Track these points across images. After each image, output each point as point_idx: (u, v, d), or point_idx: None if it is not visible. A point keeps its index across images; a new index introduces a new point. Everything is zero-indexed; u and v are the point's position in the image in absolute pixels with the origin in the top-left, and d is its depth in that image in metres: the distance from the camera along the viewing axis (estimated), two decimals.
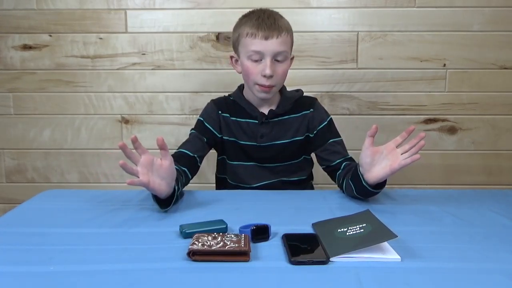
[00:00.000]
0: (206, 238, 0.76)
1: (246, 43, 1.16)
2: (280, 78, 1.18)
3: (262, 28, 1.13)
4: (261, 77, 1.15)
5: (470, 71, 1.71)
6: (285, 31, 1.15)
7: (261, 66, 1.15)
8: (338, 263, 0.71)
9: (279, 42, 1.14)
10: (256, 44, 1.14)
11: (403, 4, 1.67)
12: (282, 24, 1.16)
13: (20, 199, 1.68)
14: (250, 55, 1.16)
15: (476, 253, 0.76)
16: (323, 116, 1.27)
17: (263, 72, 1.14)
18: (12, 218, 0.95)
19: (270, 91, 1.18)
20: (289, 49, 1.19)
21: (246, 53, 1.16)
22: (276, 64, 1.16)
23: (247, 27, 1.16)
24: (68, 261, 0.72)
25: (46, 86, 1.75)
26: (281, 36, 1.14)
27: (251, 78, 1.18)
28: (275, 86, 1.18)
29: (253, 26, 1.14)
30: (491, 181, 1.77)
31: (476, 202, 1.07)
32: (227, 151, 1.28)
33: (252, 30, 1.14)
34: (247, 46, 1.15)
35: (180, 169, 1.14)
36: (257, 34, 1.13)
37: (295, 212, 0.99)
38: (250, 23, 1.15)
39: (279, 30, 1.14)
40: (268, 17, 1.16)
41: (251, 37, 1.14)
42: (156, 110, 1.76)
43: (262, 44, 1.13)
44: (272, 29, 1.13)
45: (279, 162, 1.27)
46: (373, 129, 0.99)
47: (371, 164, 1.00)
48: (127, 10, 1.70)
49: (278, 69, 1.16)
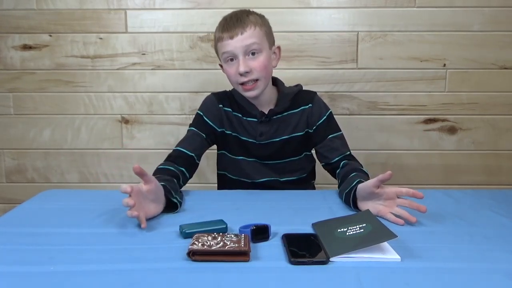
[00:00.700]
0: (206, 238, 0.76)
1: (219, 48, 1.19)
2: (260, 71, 1.17)
3: (226, 30, 1.16)
4: (238, 76, 1.16)
5: (470, 71, 1.71)
6: (250, 25, 1.15)
7: (235, 65, 1.17)
8: (338, 263, 0.71)
9: (244, 37, 1.14)
10: (224, 46, 1.16)
11: (403, 4, 1.67)
12: (247, 20, 1.16)
13: (20, 199, 1.68)
14: (224, 58, 1.18)
15: (476, 253, 0.76)
16: (322, 110, 1.27)
17: (238, 70, 1.15)
18: (12, 218, 0.95)
19: (255, 87, 1.18)
20: (261, 40, 1.17)
21: (221, 57, 1.19)
22: (251, 58, 1.16)
23: (216, 32, 1.20)
24: (68, 261, 0.72)
25: (46, 86, 1.75)
26: (245, 31, 1.14)
27: (232, 80, 1.20)
28: (258, 80, 1.17)
29: (220, 30, 1.18)
30: (491, 181, 1.77)
31: (476, 202, 1.07)
32: (229, 145, 1.28)
33: (219, 34, 1.17)
34: (220, 50, 1.19)
35: (178, 170, 1.14)
36: (223, 36, 1.16)
37: (295, 212, 0.99)
38: (218, 28, 1.19)
39: (243, 26, 1.15)
40: (231, 17, 1.18)
41: (220, 41, 1.17)
42: (156, 110, 1.76)
43: (229, 45, 1.15)
44: (235, 27, 1.15)
45: (279, 159, 1.27)
46: (386, 176, 0.92)
47: (366, 198, 0.98)
48: (127, 10, 1.70)
49: (254, 63, 1.16)
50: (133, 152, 1.78)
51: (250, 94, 1.19)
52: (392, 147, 1.76)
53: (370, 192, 0.96)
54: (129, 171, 1.79)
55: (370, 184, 0.95)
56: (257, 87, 1.18)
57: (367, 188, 0.96)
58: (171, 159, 1.18)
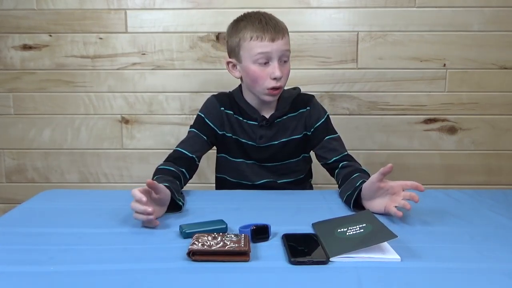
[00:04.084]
0: (206, 238, 0.76)
1: (251, 47, 1.14)
2: (285, 79, 1.19)
3: (268, 31, 1.13)
4: (270, 80, 1.15)
5: (470, 71, 1.71)
6: (286, 32, 1.18)
7: (269, 68, 1.14)
8: (338, 263, 0.71)
9: (284, 43, 1.15)
10: (263, 47, 1.13)
11: (403, 4, 1.67)
12: (283, 25, 1.18)
13: (20, 199, 1.68)
14: (256, 59, 1.14)
15: (476, 253, 0.76)
16: (320, 113, 1.27)
17: (273, 74, 1.14)
18: (12, 218, 0.95)
19: (279, 92, 1.19)
20: (289, 49, 1.20)
21: (251, 57, 1.15)
22: (282, 65, 1.16)
23: (249, 30, 1.15)
24: (68, 261, 0.72)
25: (46, 86, 1.75)
26: (285, 36, 1.16)
27: (260, 83, 1.16)
28: (280, 88, 1.19)
29: (258, 29, 1.14)
30: (491, 181, 1.77)
31: (476, 202, 1.07)
32: (228, 148, 1.28)
33: (257, 33, 1.13)
34: (252, 49, 1.14)
35: (178, 170, 1.14)
36: (264, 36, 1.13)
37: (295, 212, 0.99)
38: (252, 26, 1.15)
39: (283, 32, 1.15)
40: (269, 19, 1.17)
41: (257, 40, 1.13)
42: (156, 110, 1.76)
43: (269, 46, 1.13)
44: (277, 30, 1.14)
45: (277, 161, 1.27)
46: (387, 168, 0.93)
47: (372, 197, 0.98)
48: (127, 10, 1.70)
49: (284, 70, 1.17)
50: (133, 152, 1.78)
51: (273, 99, 1.20)
52: (392, 147, 1.76)
53: (375, 188, 0.96)
54: (129, 171, 1.79)
55: (374, 179, 0.96)
56: (278, 94, 1.19)
57: (372, 184, 0.96)
58: (171, 160, 1.18)
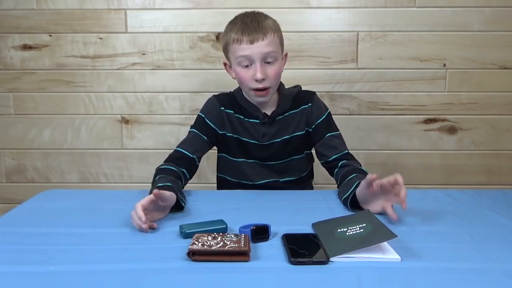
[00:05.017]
0: (206, 238, 0.76)
1: (234, 50, 1.16)
2: (274, 79, 1.18)
3: (246, 33, 1.13)
4: (253, 81, 1.15)
5: (470, 71, 1.71)
6: (270, 31, 1.15)
7: (251, 71, 1.15)
8: (338, 263, 0.71)
9: (265, 44, 1.13)
10: (243, 50, 1.13)
11: (403, 4, 1.67)
12: (267, 25, 1.15)
13: (20, 199, 1.68)
14: (239, 61, 1.16)
15: (476, 253, 0.76)
16: (322, 110, 1.27)
17: (254, 76, 1.14)
18: (12, 218, 0.95)
19: (267, 94, 1.18)
20: (278, 48, 1.18)
21: (235, 59, 1.17)
22: (267, 66, 1.16)
23: (232, 33, 1.16)
24: (68, 261, 0.72)
25: (46, 86, 1.75)
26: (266, 37, 1.13)
27: (244, 84, 1.18)
28: (270, 88, 1.18)
29: (238, 32, 1.14)
30: (491, 181, 1.77)
31: (476, 202, 1.07)
32: (229, 147, 1.28)
33: (237, 35, 1.14)
34: (235, 53, 1.15)
35: (179, 171, 1.14)
36: (242, 39, 1.13)
37: (295, 212, 0.99)
38: (235, 28, 1.16)
39: (264, 32, 1.13)
40: (251, 20, 1.15)
41: (237, 43, 1.14)
42: (156, 110, 1.76)
43: (249, 49, 1.13)
44: (257, 31, 1.13)
45: (280, 159, 1.27)
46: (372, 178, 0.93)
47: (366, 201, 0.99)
48: (127, 10, 1.70)
49: (270, 71, 1.16)
50: (133, 152, 1.78)
51: (262, 99, 1.20)
52: (392, 147, 1.76)
53: (367, 194, 0.97)
54: (129, 171, 1.79)
55: (363, 187, 0.97)
56: (268, 94, 1.19)
57: (363, 190, 0.97)
58: (172, 160, 1.18)
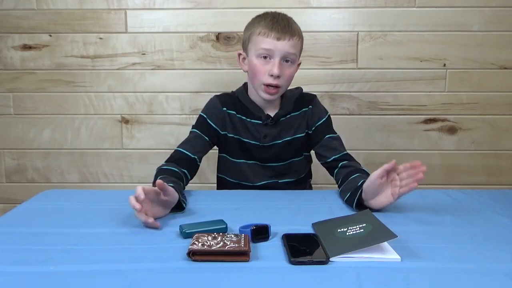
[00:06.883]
0: (206, 238, 0.76)
1: (257, 41, 1.17)
2: (286, 81, 1.19)
3: (275, 29, 1.15)
4: (268, 76, 1.16)
5: (470, 71, 1.71)
6: (297, 35, 1.18)
7: (269, 65, 1.16)
8: (338, 263, 0.71)
9: (290, 44, 1.15)
10: (267, 43, 1.15)
11: (403, 4, 1.67)
12: (295, 28, 1.19)
13: (20, 199, 1.68)
14: (259, 53, 1.16)
15: (476, 253, 0.76)
16: (322, 113, 1.28)
17: (271, 71, 1.15)
18: (12, 218, 0.95)
19: (276, 92, 1.19)
20: (298, 53, 1.20)
21: (255, 51, 1.17)
22: (284, 65, 1.17)
23: (260, 26, 1.17)
24: (68, 261, 0.72)
25: (46, 86, 1.75)
26: (292, 39, 1.16)
27: (258, 77, 1.18)
28: (281, 88, 1.19)
29: (267, 26, 1.16)
30: (491, 181, 1.77)
31: (476, 202, 1.07)
32: (230, 148, 1.28)
33: (265, 29, 1.16)
34: (258, 44, 1.16)
35: (181, 171, 1.14)
36: (270, 33, 1.15)
37: (295, 212, 0.99)
38: (264, 23, 1.17)
39: (292, 34, 1.16)
40: (282, 19, 1.18)
41: (263, 35, 1.15)
42: (156, 110, 1.76)
43: (273, 44, 1.15)
44: (285, 31, 1.15)
45: (280, 161, 1.27)
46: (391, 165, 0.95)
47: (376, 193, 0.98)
48: (127, 10, 1.70)
49: (286, 71, 1.17)
50: (133, 152, 1.78)
51: (270, 97, 1.20)
52: (392, 147, 1.76)
53: (378, 185, 0.96)
54: (129, 171, 1.79)
55: (376, 175, 0.95)
56: (277, 93, 1.19)
57: (374, 181, 0.96)
58: (173, 160, 1.18)
